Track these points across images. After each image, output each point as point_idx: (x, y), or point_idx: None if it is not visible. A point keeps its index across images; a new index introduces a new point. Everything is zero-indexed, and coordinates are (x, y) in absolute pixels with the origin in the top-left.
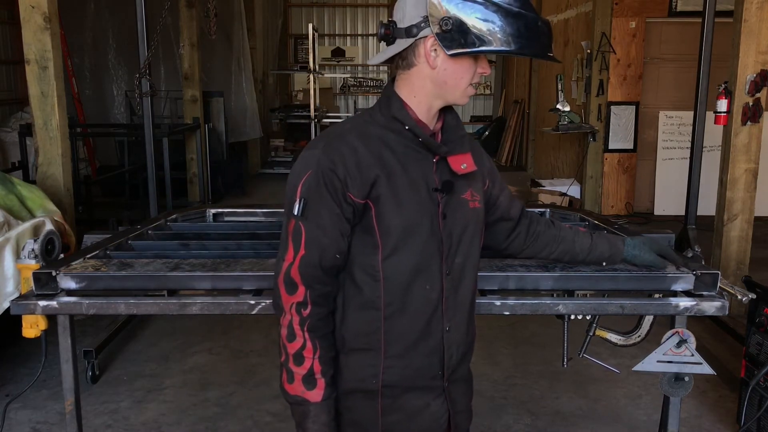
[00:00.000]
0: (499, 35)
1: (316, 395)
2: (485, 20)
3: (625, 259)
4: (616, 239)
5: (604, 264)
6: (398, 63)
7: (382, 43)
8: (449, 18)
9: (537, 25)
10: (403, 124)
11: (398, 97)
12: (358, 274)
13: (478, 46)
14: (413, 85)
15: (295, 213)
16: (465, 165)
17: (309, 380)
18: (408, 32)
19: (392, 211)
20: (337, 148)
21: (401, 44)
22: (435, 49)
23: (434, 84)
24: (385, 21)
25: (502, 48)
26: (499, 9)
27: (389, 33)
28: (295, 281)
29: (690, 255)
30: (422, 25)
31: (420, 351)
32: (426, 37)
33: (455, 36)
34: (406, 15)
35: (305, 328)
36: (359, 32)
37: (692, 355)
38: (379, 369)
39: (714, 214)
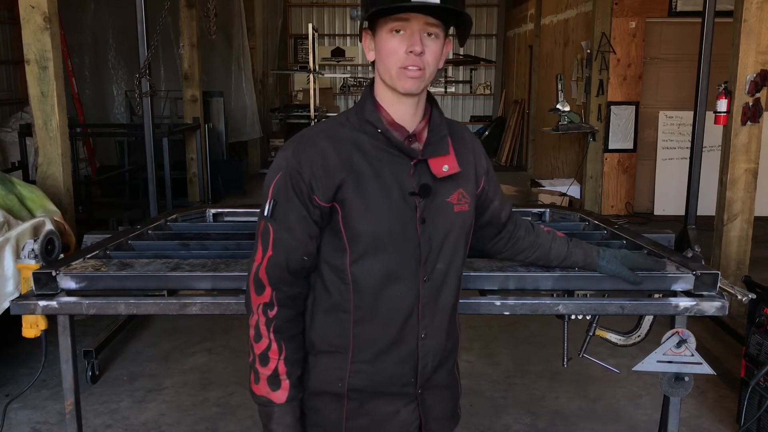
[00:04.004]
0: None
1: (280, 396)
2: None
3: (596, 270)
4: (592, 249)
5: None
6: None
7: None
8: None
9: None
10: (375, 127)
11: (373, 98)
12: (327, 276)
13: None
14: (377, 81)
15: (265, 214)
16: (447, 167)
17: (274, 381)
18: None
19: (360, 216)
20: (306, 150)
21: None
22: (367, 32)
23: (379, 71)
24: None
25: (389, 5)
26: None
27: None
28: (263, 282)
29: (690, 255)
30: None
31: (392, 358)
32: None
33: (368, 11)
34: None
35: (271, 330)
36: (359, 32)
37: (692, 355)
38: (345, 372)
39: (714, 214)
